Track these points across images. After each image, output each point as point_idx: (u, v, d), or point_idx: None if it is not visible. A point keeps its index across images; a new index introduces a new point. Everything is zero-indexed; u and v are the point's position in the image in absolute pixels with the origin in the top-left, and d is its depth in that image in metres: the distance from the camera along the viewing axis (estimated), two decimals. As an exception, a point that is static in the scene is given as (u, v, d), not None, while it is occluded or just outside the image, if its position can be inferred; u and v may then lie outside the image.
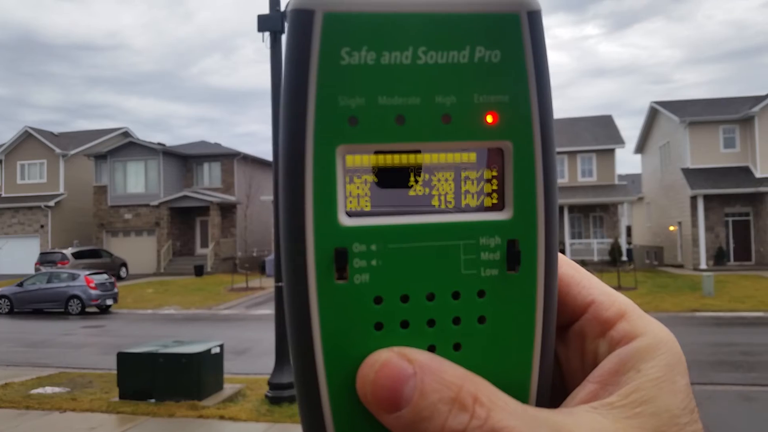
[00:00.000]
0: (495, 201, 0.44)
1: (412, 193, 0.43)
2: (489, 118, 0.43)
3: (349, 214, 0.42)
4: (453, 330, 0.43)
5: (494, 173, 0.44)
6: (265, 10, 9.72)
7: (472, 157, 0.44)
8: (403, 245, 0.42)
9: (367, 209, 0.43)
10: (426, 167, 0.43)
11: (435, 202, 0.44)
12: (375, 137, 0.41)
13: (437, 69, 0.42)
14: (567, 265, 0.49)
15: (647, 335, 0.45)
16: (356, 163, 0.42)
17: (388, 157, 0.42)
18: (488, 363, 0.43)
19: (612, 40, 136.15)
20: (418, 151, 0.43)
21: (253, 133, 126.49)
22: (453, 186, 0.44)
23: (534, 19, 0.43)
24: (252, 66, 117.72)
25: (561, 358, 0.49)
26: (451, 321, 0.43)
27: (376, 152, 0.42)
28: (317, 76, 0.40)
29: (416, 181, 0.43)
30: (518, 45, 0.43)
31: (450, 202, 0.44)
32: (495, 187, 0.44)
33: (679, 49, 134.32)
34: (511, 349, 0.44)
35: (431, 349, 0.42)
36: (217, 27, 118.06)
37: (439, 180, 0.44)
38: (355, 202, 0.42)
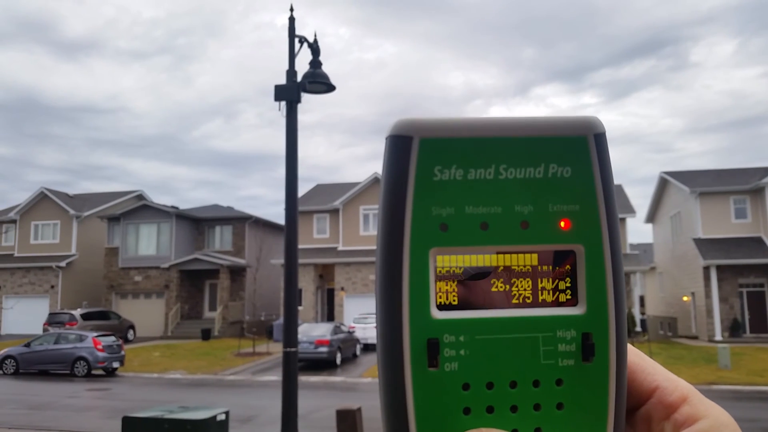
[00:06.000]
0: (569, 297, 0.49)
1: (494, 289, 0.49)
2: (562, 224, 0.49)
3: (440, 308, 0.47)
4: (534, 415, 0.48)
5: (568, 273, 0.50)
6: (276, 79, 10.24)
7: (549, 257, 0.50)
8: (489, 336, 0.48)
9: (455, 303, 0.48)
10: (506, 267, 0.49)
11: (515, 298, 0.49)
12: (463, 241, 0.48)
13: (516, 183, 0.48)
14: (633, 354, 0.53)
15: (709, 418, 0.49)
16: (446, 263, 0.48)
17: (474, 257, 0.48)
18: None
19: (611, 109, 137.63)
20: (501, 253, 0.49)
21: (257, 196, 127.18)
22: (531, 283, 0.49)
23: (599, 140, 0.49)
24: (254, 130, 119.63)
25: None
26: (532, 407, 0.48)
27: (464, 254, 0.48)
28: (414, 189, 0.47)
29: (498, 278, 0.49)
30: (587, 162, 0.49)
31: (528, 298, 0.49)
32: (569, 285, 0.49)
33: (679, 118, 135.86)
34: None
35: None
36: (218, 92, 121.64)
37: (518, 278, 0.49)
38: (444, 297, 0.48)
